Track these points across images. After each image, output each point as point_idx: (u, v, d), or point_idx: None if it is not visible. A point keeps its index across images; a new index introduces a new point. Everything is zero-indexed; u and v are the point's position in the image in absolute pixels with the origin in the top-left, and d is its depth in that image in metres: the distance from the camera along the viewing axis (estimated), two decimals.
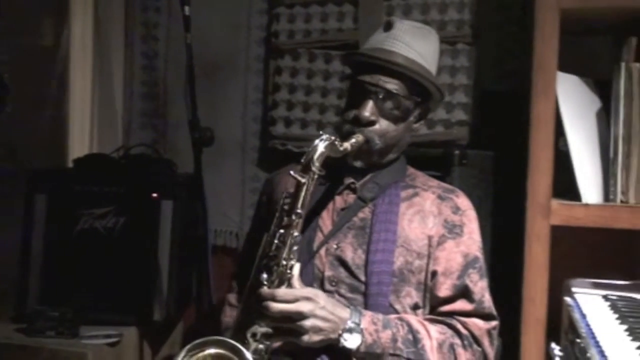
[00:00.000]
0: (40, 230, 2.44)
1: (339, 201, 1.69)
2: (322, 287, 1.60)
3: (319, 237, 1.65)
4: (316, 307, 1.47)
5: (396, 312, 1.59)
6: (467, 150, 2.20)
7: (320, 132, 1.56)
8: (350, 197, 1.68)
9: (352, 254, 1.61)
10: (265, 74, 2.82)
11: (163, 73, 2.95)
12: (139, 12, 2.97)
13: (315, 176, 1.52)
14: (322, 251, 1.63)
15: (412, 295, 1.61)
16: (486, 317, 1.61)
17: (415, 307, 1.61)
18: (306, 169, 1.52)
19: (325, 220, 1.67)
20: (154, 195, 2.41)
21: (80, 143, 2.89)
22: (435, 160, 2.12)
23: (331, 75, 2.62)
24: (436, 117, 2.44)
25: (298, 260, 1.59)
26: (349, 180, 1.69)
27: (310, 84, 2.67)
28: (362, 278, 1.59)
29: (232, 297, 1.79)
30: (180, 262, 2.44)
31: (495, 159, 2.29)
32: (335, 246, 1.63)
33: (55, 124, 2.86)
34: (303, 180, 1.51)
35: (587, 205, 1.90)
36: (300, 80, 2.68)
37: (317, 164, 1.51)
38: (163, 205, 2.41)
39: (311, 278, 1.61)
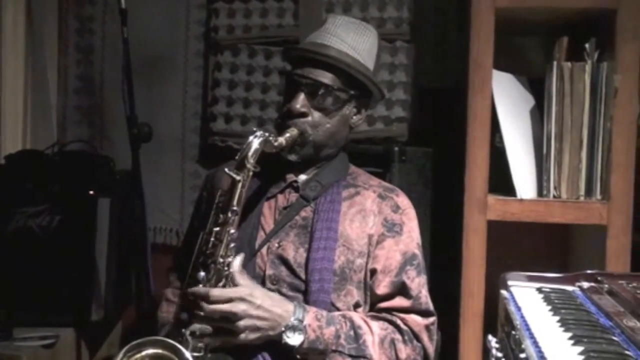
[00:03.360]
0: None
1: (281, 200, 1.68)
2: (263, 286, 1.60)
3: (261, 235, 1.65)
4: (250, 308, 1.47)
5: (338, 310, 1.59)
6: (406, 147, 2.23)
7: (254, 129, 1.56)
8: (293, 196, 1.68)
9: (294, 253, 1.61)
10: (205, 70, 2.80)
11: (99, 67, 2.89)
12: (73, 5, 2.90)
13: (250, 173, 1.53)
14: (264, 250, 1.63)
15: (353, 294, 1.62)
16: (423, 313, 1.63)
17: (356, 306, 1.62)
18: (241, 166, 1.52)
19: (268, 219, 1.67)
20: (91, 192, 2.36)
21: (12, 139, 2.80)
22: (375, 157, 2.14)
23: (271, 71, 2.62)
24: (376, 114, 2.47)
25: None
26: (291, 179, 1.69)
27: (250, 80, 2.65)
28: (303, 276, 1.60)
29: (170, 292, 1.77)
30: (119, 261, 2.40)
31: (434, 155, 2.32)
32: (277, 245, 1.63)
33: None
34: (238, 178, 1.51)
35: (521, 200, 1.96)
36: (241, 76, 2.66)
37: (251, 161, 1.52)
38: (100, 203, 2.36)
39: (252, 276, 1.60)
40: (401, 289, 1.61)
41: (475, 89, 1.96)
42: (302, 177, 1.71)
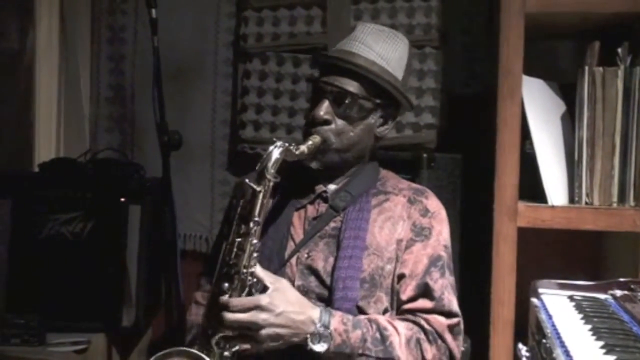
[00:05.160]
0: (5, 235, 2.40)
1: (310, 210, 1.68)
2: None
3: (291, 245, 1.65)
4: (271, 316, 1.46)
5: None
6: (435, 153, 2.22)
7: (274, 139, 1.55)
8: (322, 207, 1.68)
9: (324, 263, 1.61)
10: (234, 77, 2.81)
11: (130, 76, 2.92)
12: (105, 15, 2.94)
13: (271, 183, 1.52)
14: (293, 260, 1.63)
15: (382, 300, 1.61)
16: (447, 314, 1.61)
17: (385, 312, 1.62)
18: (261, 177, 1.52)
19: (297, 229, 1.67)
20: (122, 199, 2.39)
21: (46, 147, 2.85)
22: (404, 164, 2.13)
23: (300, 78, 2.62)
24: (405, 121, 2.46)
25: (268, 268, 1.58)
26: (320, 190, 1.69)
27: (279, 88, 2.66)
28: (329, 285, 1.60)
29: (199, 295, 1.78)
30: (149, 268, 2.42)
31: (463, 161, 2.31)
32: (306, 255, 1.63)
33: (21, 128, 2.82)
34: (258, 189, 1.51)
35: (553, 207, 1.93)
36: (269, 84, 2.68)
37: (271, 171, 1.52)
38: (131, 210, 2.39)
39: None
40: (424, 291, 1.60)
41: (505, 95, 1.94)
42: (332, 188, 1.70)
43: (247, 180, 1.53)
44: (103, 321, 2.36)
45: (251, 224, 1.50)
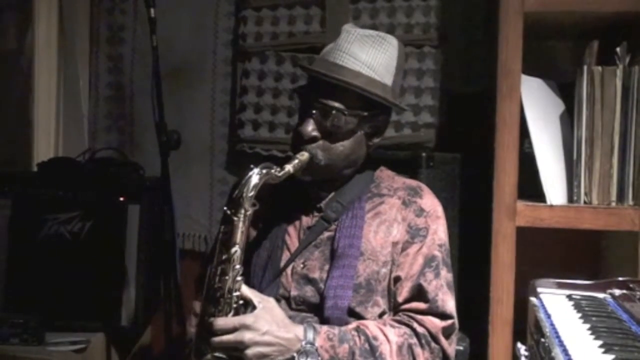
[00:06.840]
0: (4, 235, 2.40)
1: (305, 220, 1.68)
2: (289, 307, 1.60)
3: (286, 255, 1.65)
4: (256, 335, 1.45)
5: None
6: (434, 153, 2.21)
7: (252, 166, 1.52)
8: (317, 216, 1.67)
9: (319, 272, 1.61)
10: (233, 77, 2.81)
11: (129, 75, 2.92)
12: (104, 14, 2.94)
13: (249, 212, 1.50)
14: (288, 270, 1.63)
15: (379, 303, 1.61)
16: (440, 315, 1.60)
17: (382, 314, 1.61)
18: (237, 205, 1.49)
19: (293, 239, 1.67)
20: (121, 199, 2.38)
21: (45, 147, 2.85)
22: (402, 163, 2.12)
23: (299, 78, 2.62)
24: (403, 120, 2.46)
25: (263, 278, 1.59)
26: (314, 200, 1.69)
27: (278, 87, 2.66)
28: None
29: (198, 305, 1.77)
30: (148, 267, 2.42)
31: (462, 161, 2.31)
32: (302, 265, 1.63)
33: (19, 128, 2.82)
34: (235, 218, 1.49)
35: (551, 206, 1.93)
36: (268, 83, 2.68)
37: (249, 196, 1.48)
38: (130, 210, 2.39)
39: (276, 297, 1.59)
40: (419, 292, 1.60)
41: (504, 94, 1.94)
42: (325, 198, 1.70)
43: (225, 208, 1.51)
44: (102, 321, 2.36)
45: (232, 250, 1.48)
